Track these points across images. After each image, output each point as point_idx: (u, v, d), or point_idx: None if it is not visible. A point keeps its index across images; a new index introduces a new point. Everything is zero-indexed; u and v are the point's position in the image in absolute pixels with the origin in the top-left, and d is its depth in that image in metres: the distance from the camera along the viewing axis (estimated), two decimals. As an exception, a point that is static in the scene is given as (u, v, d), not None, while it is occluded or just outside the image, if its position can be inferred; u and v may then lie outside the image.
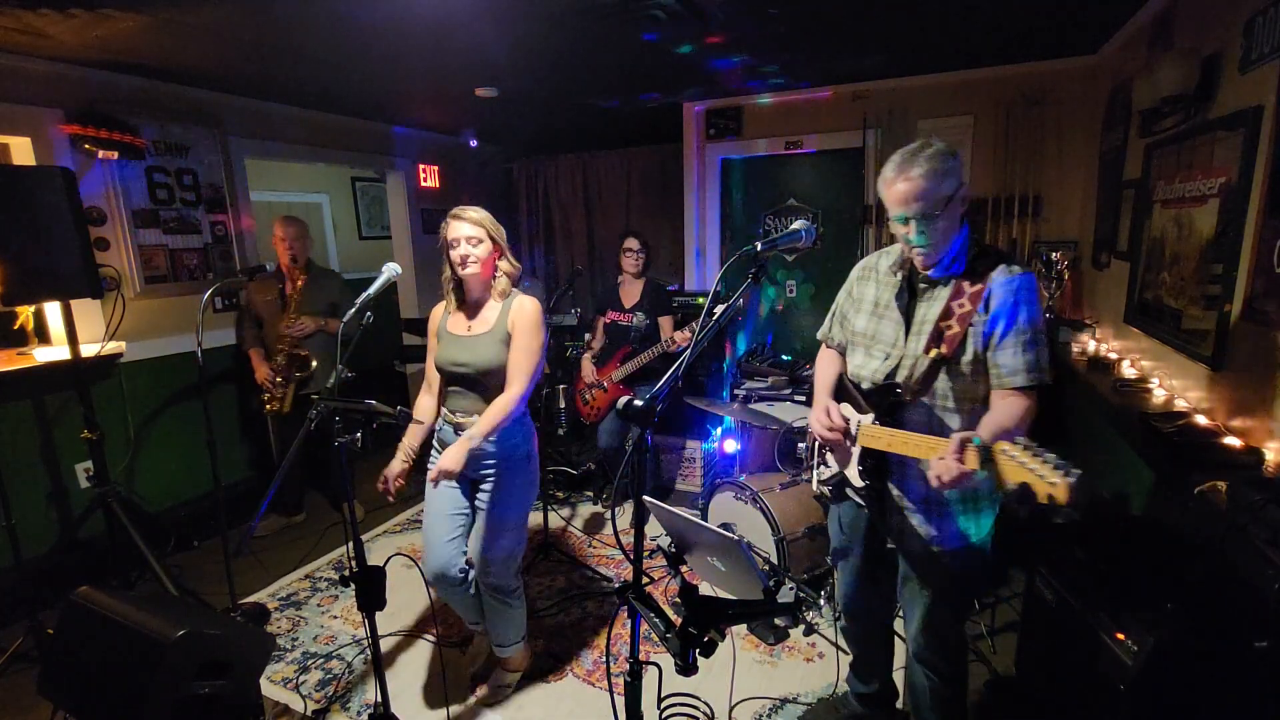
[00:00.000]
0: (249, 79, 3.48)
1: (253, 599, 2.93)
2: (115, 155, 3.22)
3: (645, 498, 1.44)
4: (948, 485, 1.31)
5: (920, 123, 3.86)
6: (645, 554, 1.69)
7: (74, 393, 2.76)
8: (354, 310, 1.91)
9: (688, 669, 1.24)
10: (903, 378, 1.58)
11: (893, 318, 1.64)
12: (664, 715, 2.16)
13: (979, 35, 3.10)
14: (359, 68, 3.28)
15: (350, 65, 3.23)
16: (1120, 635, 1.48)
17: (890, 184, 1.49)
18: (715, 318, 1.45)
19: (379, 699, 1.88)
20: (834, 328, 1.86)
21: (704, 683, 2.24)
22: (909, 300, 1.62)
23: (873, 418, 1.61)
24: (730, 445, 3.74)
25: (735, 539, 1.33)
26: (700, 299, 4.27)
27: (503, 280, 2.09)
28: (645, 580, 1.66)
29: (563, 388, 4.31)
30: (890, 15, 2.75)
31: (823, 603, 2.64)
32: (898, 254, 1.66)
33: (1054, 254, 3.33)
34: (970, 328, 1.49)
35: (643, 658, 1.44)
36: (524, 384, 2.02)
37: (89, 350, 2.90)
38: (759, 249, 1.42)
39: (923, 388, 1.56)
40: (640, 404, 1.32)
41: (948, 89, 3.80)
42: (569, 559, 3.22)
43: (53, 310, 3.15)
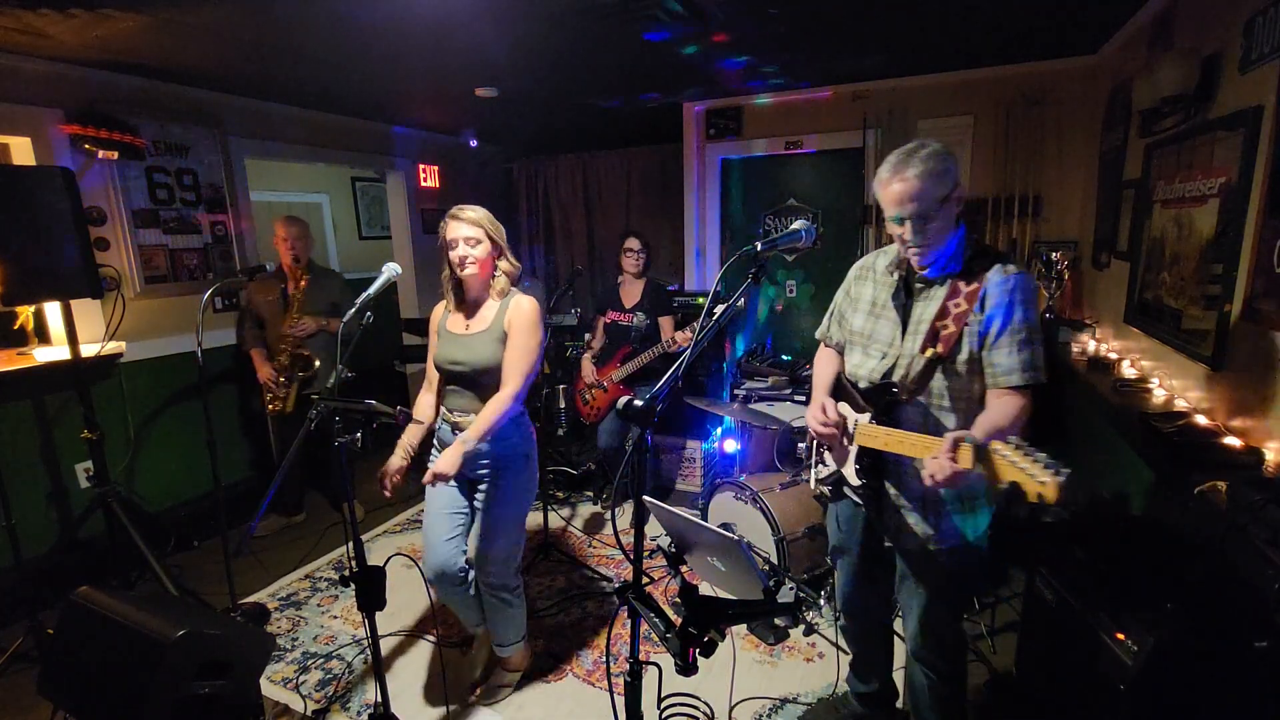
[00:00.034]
0: (249, 79, 3.48)
1: (253, 599, 2.94)
2: (115, 155, 3.22)
3: (645, 498, 1.44)
4: (941, 484, 1.32)
5: (920, 123, 3.86)
6: (645, 554, 1.69)
7: (74, 393, 2.76)
8: (354, 310, 1.91)
9: (688, 669, 1.24)
10: (899, 377, 1.59)
11: (890, 317, 1.65)
12: (664, 715, 2.16)
13: (979, 35, 3.10)
14: (359, 68, 3.28)
15: (350, 65, 3.23)
16: (1120, 635, 1.48)
17: (885, 184, 1.49)
18: (715, 318, 1.46)
19: (379, 699, 1.88)
20: (832, 327, 1.87)
21: (704, 683, 2.24)
22: (906, 300, 1.63)
23: (870, 417, 1.62)
24: (730, 445, 3.74)
25: (735, 539, 1.33)
26: (700, 299, 4.27)
27: (502, 279, 2.09)
28: (645, 580, 1.66)
29: (563, 388, 4.31)
30: (890, 15, 2.75)
31: (823, 603, 2.64)
32: (895, 254, 1.66)
33: (1054, 254, 3.32)
34: (966, 327, 1.50)
35: (643, 658, 1.44)
36: (518, 383, 2.02)
37: (89, 350, 2.90)
38: (759, 249, 1.42)
39: (919, 387, 1.56)
40: (640, 404, 1.32)
41: (948, 89, 3.80)
42: (569, 559, 3.22)
43: (53, 310, 3.16)
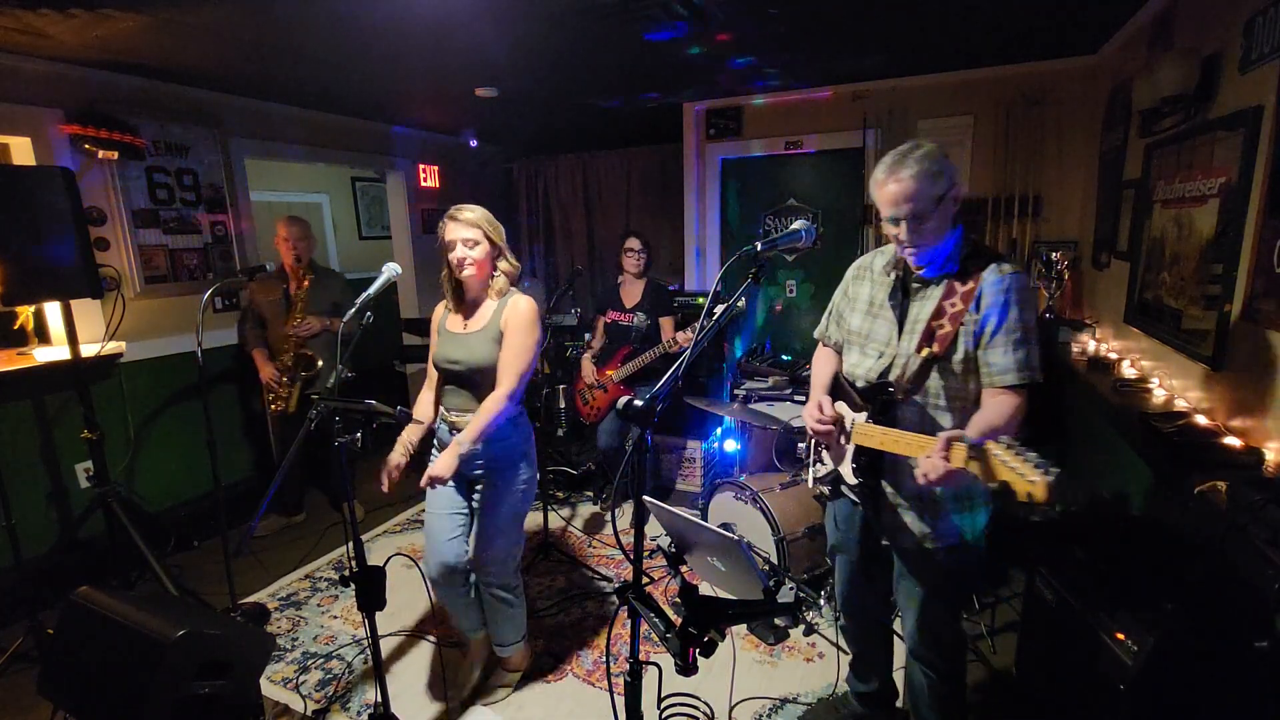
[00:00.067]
0: (249, 79, 3.48)
1: (253, 599, 2.94)
2: (115, 155, 3.22)
3: (645, 498, 1.44)
4: (934, 483, 1.33)
5: (920, 123, 3.86)
6: (645, 554, 1.69)
7: (74, 393, 2.76)
8: (354, 310, 1.91)
9: (688, 669, 1.24)
10: (895, 376, 1.60)
11: (887, 317, 1.66)
12: (664, 715, 2.16)
13: (979, 35, 3.10)
14: (359, 68, 3.28)
15: (350, 65, 3.23)
16: (1120, 635, 1.48)
17: (881, 185, 1.50)
18: (715, 318, 1.46)
19: (379, 699, 1.88)
20: (830, 326, 1.87)
21: (704, 683, 2.24)
22: (903, 300, 1.63)
23: (866, 416, 1.62)
24: (730, 445, 3.74)
25: (735, 539, 1.33)
26: (700, 299, 4.27)
27: (501, 279, 2.09)
28: (645, 580, 1.66)
29: (563, 388, 4.31)
30: (890, 15, 2.75)
31: (823, 603, 2.64)
32: (892, 254, 1.66)
33: (1054, 254, 3.32)
34: (962, 327, 1.51)
35: (643, 658, 1.44)
36: (512, 383, 2.01)
37: (89, 350, 2.90)
38: (759, 249, 1.43)
39: (915, 386, 1.57)
40: (640, 404, 1.32)
41: (948, 89, 3.80)
42: (569, 559, 3.22)
43: (53, 310, 3.15)
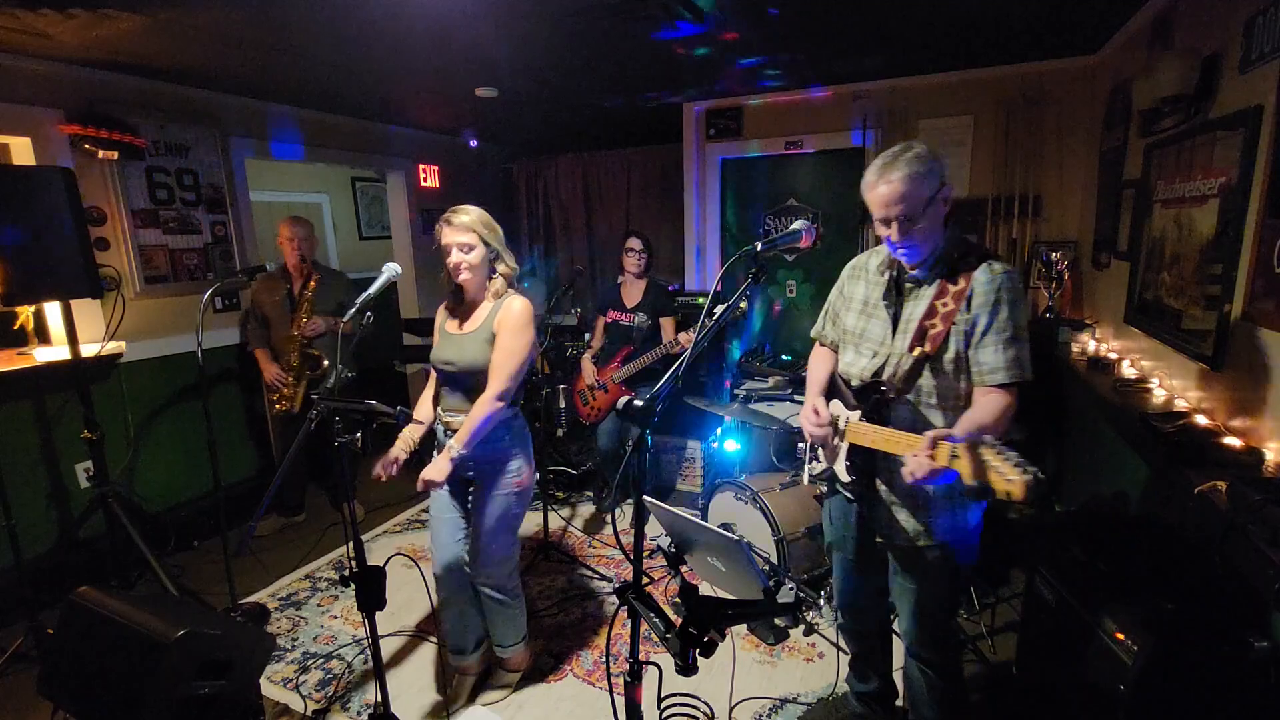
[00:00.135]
0: (249, 79, 3.48)
1: (253, 599, 2.93)
2: (115, 155, 3.22)
3: (645, 498, 1.44)
4: (920, 481, 1.34)
5: (920, 123, 3.86)
6: (645, 554, 1.69)
7: (74, 393, 2.76)
8: (354, 310, 1.91)
9: (688, 669, 1.24)
10: (888, 375, 1.60)
11: (880, 316, 1.67)
12: (664, 715, 2.16)
13: (979, 35, 3.10)
14: (359, 68, 3.28)
15: (350, 65, 3.23)
16: (1120, 635, 1.48)
17: (871, 187, 1.51)
18: (715, 318, 1.46)
19: (379, 699, 1.88)
20: (827, 326, 1.88)
21: (704, 683, 2.24)
22: (896, 299, 1.65)
23: (860, 415, 1.63)
24: (730, 445, 3.74)
25: (735, 539, 1.33)
26: (700, 299, 4.27)
27: (498, 281, 2.08)
28: (645, 580, 1.66)
29: (563, 388, 4.31)
30: (890, 15, 2.75)
31: (823, 603, 2.64)
32: (886, 254, 1.67)
33: (1054, 254, 3.32)
34: (953, 326, 1.52)
35: (643, 658, 1.44)
36: (502, 384, 1.99)
37: (89, 350, 2.90)
38: (759, 249, 1.43)
39: (907, 385, 1.58)
40: (640, 404, 1.32)
41: (948, 89, 3.80)
42: (569, 559, 3.22)
43: (53, 310, 3.15)
